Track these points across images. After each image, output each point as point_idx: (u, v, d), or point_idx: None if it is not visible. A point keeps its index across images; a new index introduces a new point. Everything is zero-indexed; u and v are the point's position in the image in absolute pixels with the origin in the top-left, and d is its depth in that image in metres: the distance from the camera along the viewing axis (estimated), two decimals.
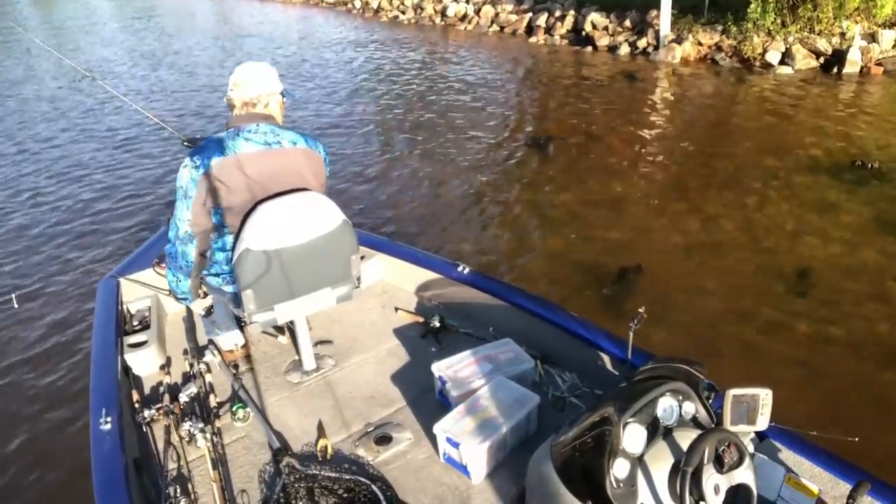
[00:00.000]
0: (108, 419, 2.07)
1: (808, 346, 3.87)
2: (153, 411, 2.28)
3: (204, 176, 2.14)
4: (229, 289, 2.33)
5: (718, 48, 10.60)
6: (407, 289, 3.11)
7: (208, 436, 2.14)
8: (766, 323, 4.07)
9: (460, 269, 2.90)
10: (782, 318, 4.11)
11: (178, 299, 2.46)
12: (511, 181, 6.58)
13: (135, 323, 2.80)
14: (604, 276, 4.63)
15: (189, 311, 2.94)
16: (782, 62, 9.83)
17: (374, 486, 1.97)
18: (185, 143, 3.24)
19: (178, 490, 1.98)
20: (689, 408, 1.69)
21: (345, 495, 1.96)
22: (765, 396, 1.65)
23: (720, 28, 10.71)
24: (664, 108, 8.81)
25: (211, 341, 2.67)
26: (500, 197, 6.20)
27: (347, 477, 2.00)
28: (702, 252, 4.97)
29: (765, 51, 9.98)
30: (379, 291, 3.13)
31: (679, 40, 10.86)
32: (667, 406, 1.65)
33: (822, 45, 9.68)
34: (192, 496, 1.98)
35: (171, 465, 2.10)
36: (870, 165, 6.14)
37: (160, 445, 2.18)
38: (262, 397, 2.46)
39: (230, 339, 2.59)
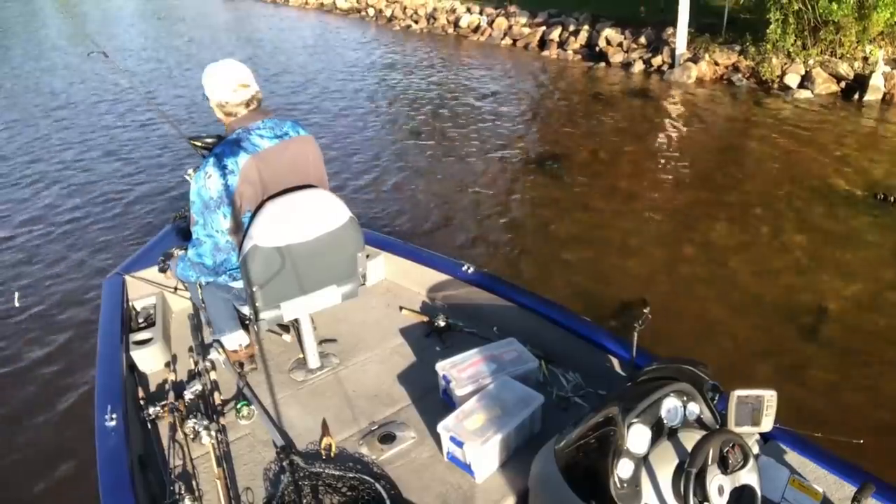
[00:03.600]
0: (114, 416, 2.08)
1: (821, 391, 3.55)
2: (158, 408, 2.29)
3: (238, 180, 2.14)
4: (237, 285, 2.34)
5: (735, 69, 10.22)
6: (411, 288, 3.11)
7: (213, 433, 2.15)
8: (778, 365, 3.76)
9: (465, 268, 2.90)
10: (795, 360, 3.81)
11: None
12: (514, 201, 6.38)
13: (140, 320, 2.80)
14: (605, 308, 4.28)
15: (194, 309, 2.95)
16: (801, 85, 9.41)
17: (377, 485, 1.97)
18: (191, 142, 3.25)
19: (183, 487, 1.99)
20: (694, 408, 1.69)
21: (349, 493, 1.96)
22: (769, 398, 1.65)
23: (738, 48, 10.33)
24: (676, 130, 8.48)
25: (216, 339, 2.67)
26: (501, 216, 5.99)
27: (351, 475, 2.01)
28: (710, 286, 4.66)
29: (783, 73, 9.59)
30: (383, 290, 3.13)
31: (695, 59, 10.49)
32: (671, 407, 1.65)
33: (844, 69, 9.24)
34: (197, 493, 1.99)
35: (176, 463, 2.11)
36: (892, 199, 5.74)
37: (165, 442, 2.19)
38: (266, 395, 2.47)
39: (234, 340, 2.60)
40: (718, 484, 1.47)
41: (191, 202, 2.21)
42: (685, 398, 1.68)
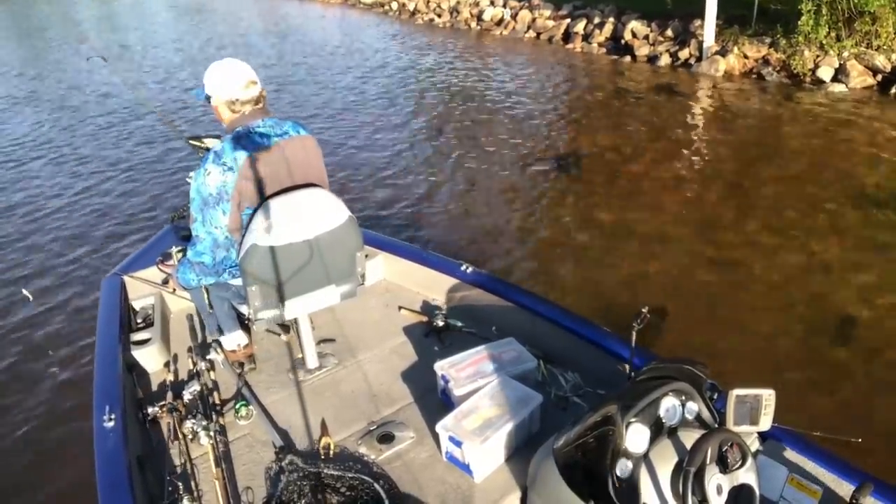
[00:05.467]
0: (112, 416, 2.08)
1: (852, 403, 3.39)
2: (157, 409, 2.29)
3: (237, 177, 2.15)
4: (237, 283, 2.34)
5: (765, 62, 9.80)
6: (410, 288, 3.11)
7: (211, 433, 2.14)
8: (804, 379, 3.58)
9: (464, 268, 2.90)
10: (824, 370, 3.64)
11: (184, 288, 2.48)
12: (533, 198, 6.22)
13: (138, 320, 2.80)
14: (621, 316, 4.02)
15: (193, 309, 2.95)
16: (835, 79, 8.99)
17: (376, 485, 1.97)
18: (190, 142, 3.26)
19: (182, 487, 1.99)
20: (692, 408, 1.69)
21: (347, 493, 1.96)
22: (768, 397, 1.65)
23: (768, 40, 9.89)
24: (703, 125, 8.27)
25: (215, 340, 2.67)
26: (519, 215, 5.86)
27: (350, 475, 2.01)
28: (734, 292, 4.46)
29: (816, 66, 9.17)
30: (382, 290, 3.13)
31: (723, 52, 10.14)
32: (670, 406, 1.65)
33: (881, 61, 8.78)
34: (195, 493, 1.99)
35: (175, 463, 2.11)
36: None
37: (163, 443, 2.18)
38: (265, 395, 2.47)
39: (233, 340, 2.59)
40: (717, 483, 1.47)
41: (191, 199, 2.23)
42: (684, 397, 1.69)
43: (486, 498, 1.97)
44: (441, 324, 2.76)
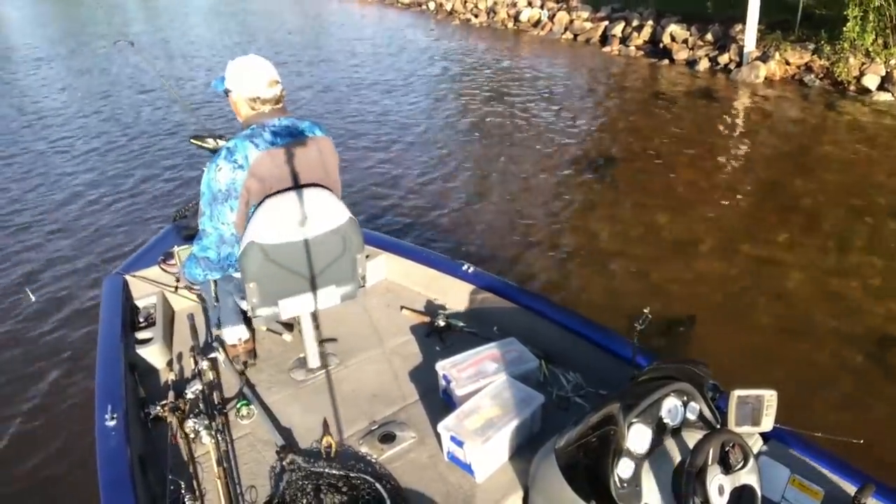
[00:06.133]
0: (114, 416, 2.08)
1: (890, 427, 3.27)
2: (158, 408, 2.29)
3: (246, 175, 2.17)
4: (239, 275, 2.36)
5: (808, 68, 9.61)
6: (412, 288, 3.11)
7: (213, 433, 2.15)
8: (841, 398, 3.46)
9: (465, 268, 2.91)
10: (858, 390, 3.53)
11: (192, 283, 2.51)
12: (563, 202, 6.12)
13: (140, 320, 2.81)
14: (649, 326, 4.17)
15: (195, 309, 2.95)
16: (881, 87, 8.73)
17: (378, 484, 1.97)
18: (193, 141, 3.27)
19: (184, 487, 1.99)
20: (694, 408, 1.70)
21: (349, 493, 1.96)
22: (770, 397, 1.65)
23: (811, 47, 9.67)
24: (741, 133, 8.08)
25: (217, 338, 2.68)
26: (546, 219, 5.78)
27: (352, 475, 2.01)
28: (768, 305, 4.33)
29: (861, 74, 8.91)
30: (384, 290, 3.13)
31: (764, 58, 9.92)
32: (671, 406, 1.65)
33: None
34: (197, 493, 1.99)
35: (176, 462, 2.11)
36: None
37: (165, 442, 2.19)
38: (266, 395, 2.47)
39: (234, 334, 2.60)
40: (719, 484, 1.47)
41: (201, 193, 2.26)
42: (685, 398, 1.69)
43: (488, 498, 1.97)
44: (443, 324, 2.76)
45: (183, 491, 1.96)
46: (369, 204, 6.14)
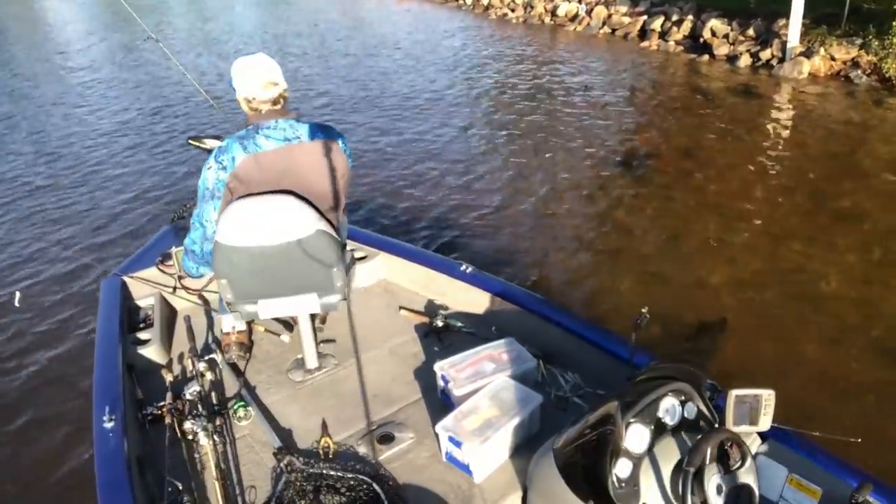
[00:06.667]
0: (112, 417, 2.08)
1: None
2: (156, 409, 2.29)
3: (230, 176, 2.19)
4: None
5: (855, 64, 9.25)
6: (410, 288, 3.11)
7: (211, 434, 2.14)
8: (874, 406, 3.36)
9: (463, 268, 2.91)
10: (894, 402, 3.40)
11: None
12: (595, 198, 6.02)
13: (138, 321, 2.80)
14: (678, 328, 3.90)
15: (193, 310, 2.95)
16: None
17: (376, 485, 1.97)
18: (191, 142, 3.28)
19: (181, 488, 1.98)
20: (692, 408, 1.70)
21: (347, 494, 1.96)
22: (767, 397, 1.65)
23: (859, 42, 9.32)
24: (783, 131, 7.80)
25: (215, 339, 2.68)
26: (578, 214, 5.70)
27: (350, 475, 2.01)
28: (804, 312, 4.18)
29: None
30: (382, 290, 3.13)
31: (808, 53, 9.61)
32: (669, 406, 1.65)
33: None
34: (195, 494, 1.99)
35: (175, 463, 2.11)
36: None
37: (163, 443, 2.18)
38: (265, 395, 2.47)
39: (228, 322, 2.61)
40: (717, 483, 1.47)
41: (198, 188, 2.30)
42: (683, 397, 1.69)
43: (486, 498, 1.97)
44: (441, 324, 2.76)
45: (181, 492, 1.96)
46: (407, 200, 6.11)
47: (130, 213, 6.19)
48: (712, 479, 1.46)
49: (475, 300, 2.84)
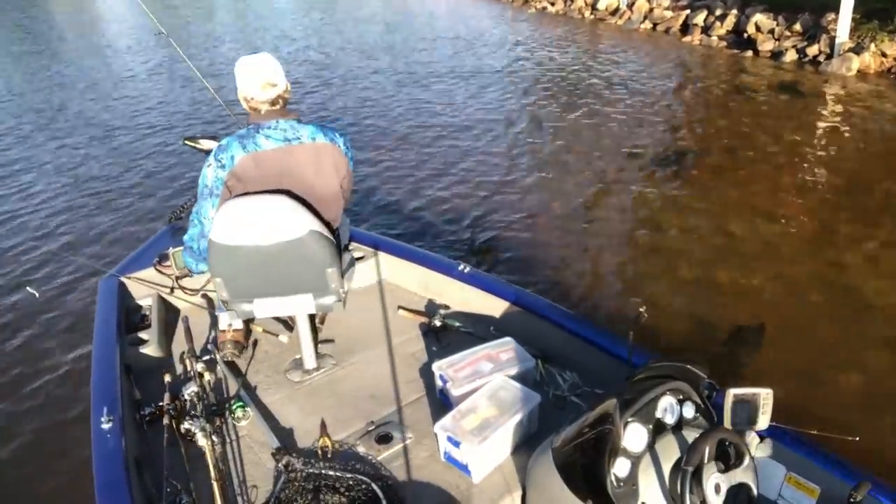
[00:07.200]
0: (110, 418, 2.07)
1: None
2: (154, 410, 2.29)
3: (228, 175, 2.19)
4: None
5: None
6: (408, 288, 3.11)
7: (209, 434, 2.14)
8: None
9: (461, 268, 2.91)
10: None
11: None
12: (631, 198, 5.89)
13: (136, 321, 2.80)
14: (713, 331, 3.84)
15: (191, 310, 2.94)
16: None
17: (374, 485, 1.97)
18: (186, 142, 3.28)
19: (180, 488, 1.98)
20: (690, 407, 1.69)
21: (346, 493, 1.96)
22: (766, 396, 1.65)
23: None
24: (829, 129, 7.57)
25: (213, 339, 2.67)
26: (614, 213, 5.59)
27: (348, 475, 2.01)
28: (846, 316, 4.05)
29: None
30: (380, 290, 3.13)
31: (858, 49, 9.31)
32: (667, 405, 1.65)
33: None
34: (193, 494, 1.98)
35: (173, 464, 2.10)
36: None
37: (161, 444, 2.18)
38: (263, 396, 2.46)
39: (226, 319, 2.60)
40: (715, 482, 1.47)
41: (198, 185, 2.30)
42: (681, 396, 1.69)
43: (485, 498, 1.97)
44: (439, 324, 2.76)
45: (179, 493, 1.96)
46: (445, 197, 6.08)
47: (130, 213, 6.18)
48: (711, 478, 1.46)
49: (474, 300, 2.84)
